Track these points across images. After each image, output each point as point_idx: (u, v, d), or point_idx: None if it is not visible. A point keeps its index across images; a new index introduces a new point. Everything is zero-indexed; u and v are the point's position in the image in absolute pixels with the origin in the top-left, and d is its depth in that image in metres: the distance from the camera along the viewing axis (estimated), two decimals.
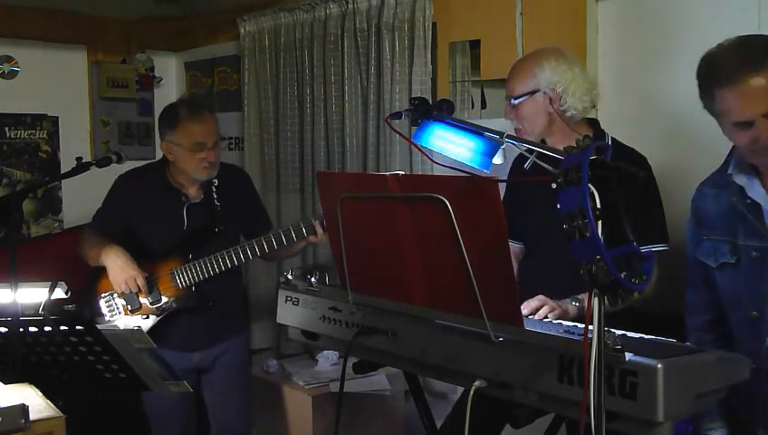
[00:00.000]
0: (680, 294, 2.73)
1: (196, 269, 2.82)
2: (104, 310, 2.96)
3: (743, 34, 1.88)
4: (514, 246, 2.48)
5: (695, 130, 2.86)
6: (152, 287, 2.88)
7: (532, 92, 2.33)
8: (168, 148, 2.89)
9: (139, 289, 2.84)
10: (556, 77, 2.31)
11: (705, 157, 2.84)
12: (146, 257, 2.91)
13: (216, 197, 2.90)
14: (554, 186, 2.28)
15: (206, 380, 3.05)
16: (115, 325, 2.69)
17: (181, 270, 2.84)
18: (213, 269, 2.80)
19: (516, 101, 2.35)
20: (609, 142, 2.39)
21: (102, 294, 2.96)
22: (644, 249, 2.21)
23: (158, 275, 2.89)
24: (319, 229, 2.68)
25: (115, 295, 2.93)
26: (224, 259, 2.78)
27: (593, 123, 2.46)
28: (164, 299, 2.88)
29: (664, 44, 2.91)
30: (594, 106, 2.47)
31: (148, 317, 2.90)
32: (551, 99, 2.32)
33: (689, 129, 2.87)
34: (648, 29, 2.97)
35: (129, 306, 2.91)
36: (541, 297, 2.09)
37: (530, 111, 2.34)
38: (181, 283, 2.85)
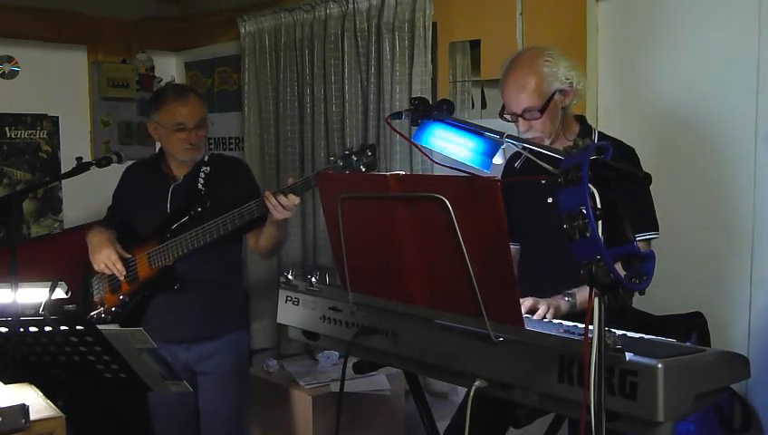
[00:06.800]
0: (679, 293, 2.74)
1: (169, 249, 2.83)
2: (93, 289, 3.00)
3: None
4: (511, 247, 2.46)
5: (694, 130, 2.87)
6: (132, 268, 2.90)
7: (552, 96, 2.28)
8: (154, 128, 2.94)
9: (117, 268, 2.85)
10: (562, 71, 2.29)
11: (705, 155, 2.85)
12: (135, 241, 2.94)
13: (202, 181, 2.90)
14: (543, 182, 2.31)
15: (199, 382, 3.00)
16: (115, 326, 2.68)
17: (157, 250, 2.86)
18: (181, 249, 2.79)
19: (539, 114, 2.27)
20: (596, 137, 2.39)
21: (95, 276, 3.00)
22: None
23: (138, 256, 2.91)
24: (272, 200, 2.59)
25: (104, 276, 2.97)
26: (189, 240, 2.78)
27: (580, 119, 2.46)
28: (139, 279, 2.90)
29: (664, 44, 2.91)
30: None
31: (126, 299, 2.91)
32: (564, 94, 2.30)
33: (689, 128, 2.88)
34: (648, 29, 2.97)
35: (110, 287, 2.95)
36: (532, 298, 2.08)
37: (552, 115, 2.29)
38: (156, 263, 2.86)
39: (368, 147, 2.50)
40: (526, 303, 2.04)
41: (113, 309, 2.92)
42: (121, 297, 2.92)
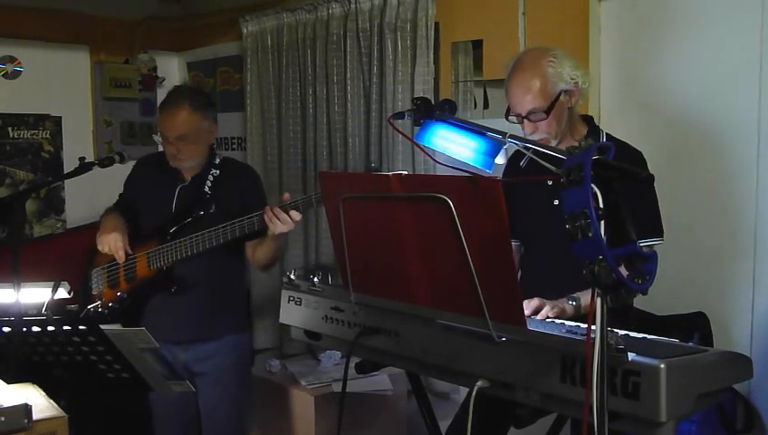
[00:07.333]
0: (681, 294, 2.74)
1: (168, 251, 2.83)
2: (92, 282, 3.01)
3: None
4: (512, 244, 2.45)
5: (696, 130, 2.87)
6: (132, 267, 2.90)
7: (557, 97, 2.26)
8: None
9: (119, 254, 2.86)
10: (566, 71, 2.27)
11: (707, 155, 2.85)
12: (137, 237, 2.94)
13: (210, 184, 2.90)
14: (550, 183, 2.31)
15: (198, 382, 2.98)
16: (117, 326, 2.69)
17: (156, 252, 2.86)
18: (180, 253, 2.79)
19: (545, 115, 2.25)
20: (604, 138, 2.38)
21: (95, 268, 3.01)
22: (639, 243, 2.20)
23: (138, 255, 2.90)
24: (269, 213, 2.58)
25: (103, 270, 2.98)
26: (188, 245, 2.77)
27: (587, 119, 2.45)
28: (137, 278, 2.90)
29: (667, 44, 2.91)
30: None
31: (124, 295, 2.91)
32: (569, 94, 2.29)
33: (691, 128, 2.87)
34: (650, 29, 2.96)
35: (108, 282, 2.95)
36: (538, 299, 2.08)
37: (558, 116, 2.27)
38: (154, 264, 2.86)
39: (371, 170, 2.49)
40: (532, 303, 2.04)
41: (110, 304, 2.92)
42: (119, 294, 2.92)
